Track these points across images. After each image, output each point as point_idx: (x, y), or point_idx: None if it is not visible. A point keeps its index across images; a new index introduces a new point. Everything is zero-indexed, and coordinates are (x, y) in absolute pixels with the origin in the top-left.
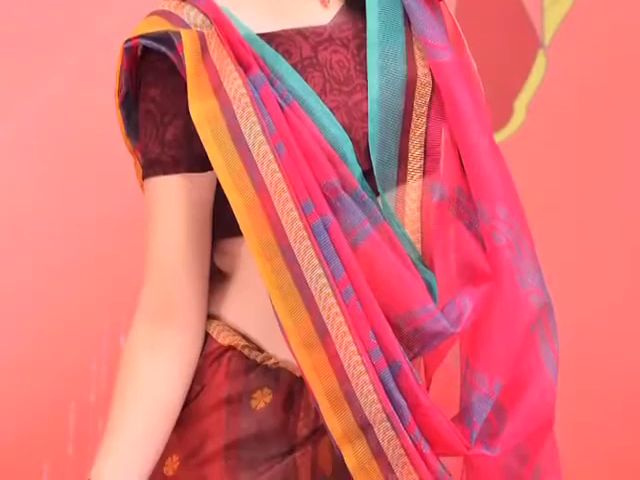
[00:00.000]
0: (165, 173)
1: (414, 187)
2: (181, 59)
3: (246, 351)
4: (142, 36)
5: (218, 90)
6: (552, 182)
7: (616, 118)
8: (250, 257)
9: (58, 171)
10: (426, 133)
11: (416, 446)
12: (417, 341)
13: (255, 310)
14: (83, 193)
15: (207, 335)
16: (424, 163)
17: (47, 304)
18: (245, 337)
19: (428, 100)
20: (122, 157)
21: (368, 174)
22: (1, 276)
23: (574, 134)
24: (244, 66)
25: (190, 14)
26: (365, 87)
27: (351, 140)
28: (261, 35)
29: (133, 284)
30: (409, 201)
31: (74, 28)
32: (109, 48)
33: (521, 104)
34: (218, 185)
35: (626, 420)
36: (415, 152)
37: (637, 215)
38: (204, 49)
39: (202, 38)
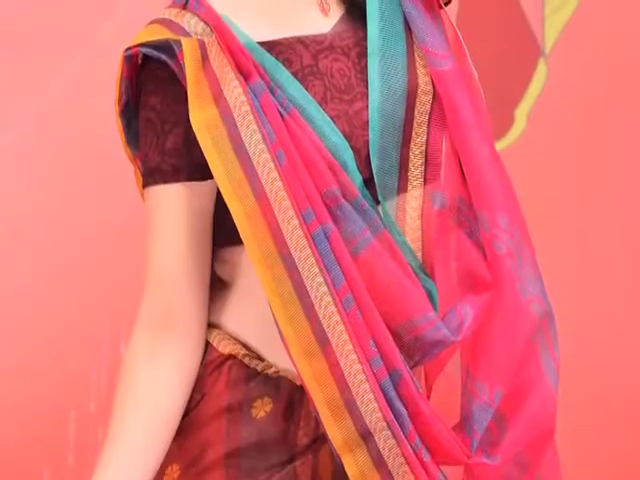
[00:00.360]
0: (165, 182)
1: (415, 195)
2: (181, 67)
3: (246, 360)
4: (142, 44)
5: (218, 98)
6: (553, 190)
7: (617, 126)
8: (250, 266)
9: (58, 178)
10: (427, 142)
11: (417, 455)
12: (418, 350)
13: (255, 319)
14: (83, 200)
15: (207, 344)
16: (425, 171)
17: (47, 312)
18: (245, 346)
19: (429, 109)
20: (122, 163)
21: (369, 182)
22: (1, 283)
23: (575, 142)
24: (244, 74)
25: (190, 22)
26: (366, 95)
27: (352, 148)
28: (261, 43)
29: (133, 292)
30: (410, 209)
31: (75, 34)
32: (109, 55)
33: (522, 112)
34: (218, 194)
35: (627, 428)
36: (416, 160)
37: (638, 222)
38: (204, 57)
39: (202, 46)
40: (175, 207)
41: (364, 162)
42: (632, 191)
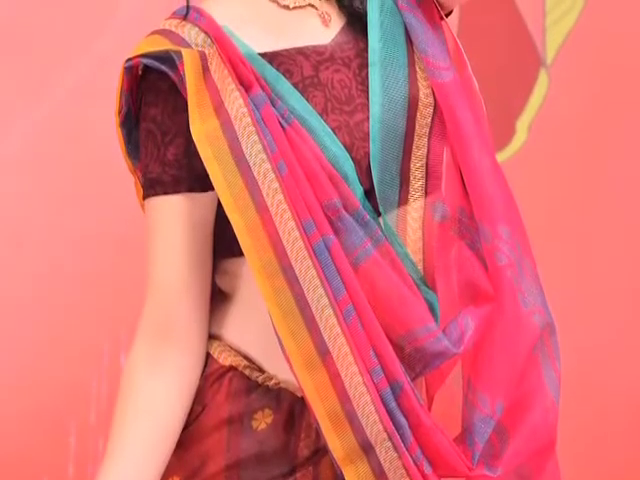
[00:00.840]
0: (166, 193)
1: (415, 207)
2: (182, 78)
3: (247, 371)
4: (143, 55)
5: (219, 109)
6: (554, 201)
7: (618, 137)
8: (251, 277)
9: (58, 188)
10: (428, 153)
11: (418, 467)
12: (419, 361)
13: (256, 330)
14: (83, 210)
15: (208, 355)
16: (425, 183)
17: (47, 322)
18: (246, 357)
19: (430, 120)
20: (122, 174)
21: (369, 194)
22: (1, 293)
23: (576, 153)
24: (245, 85)
25: (191, 33)
26: (366, 107)
27: (352, 160)
28: (262, 54)
29: (134, 302)
30: (411, 221)
31: (75, 44)
32: (110, 65)
33: (523, 124)
34: (219, 205)
35: (628, 440)
36: (416, 172)
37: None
38: (205, 68)
39: (203, 57)
40: (175, 218)
41: (365, 173)
42: (634, 202)
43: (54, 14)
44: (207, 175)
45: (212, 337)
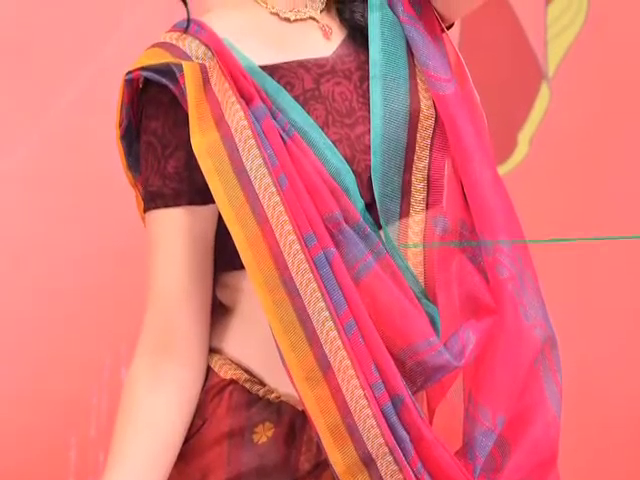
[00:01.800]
0: (166, 206)
1: (417, 220)
2: (183, 91)
3: (248, 385)
4: (143, 68)
5: (220, 122)
6: (555, 214)
7: (619, 150)
8: (252, 290)
9: (58, 201)
10: (429, 166)
11: None
12: (420, 375)
13: (257, 344)
14: (84, 224)
15: (209, 369)
16: (427, 196)
17: (47, 336)
18: (247, 371)
19: (431, 132)
20: (123, 187)
21: (370, 207)
22: (1, 308)
23: (577, 166)
24: (246, 98)
25: (192, 46)
26: (367, 119)
27: (353, 173)
28: (263, 67)
29: (135, 316)
30: (412, 234)
31: (77, 58)
32: (111, 78)
33: (524, 137)
34: (220, 218)
35: (629, 453)
36: (418, 185)
37: None
38: (206, 81)
39: (204, 70)
40: (176, 231)
41: (366, 186)
42: (635, 214)
43: (56, 27)
44: (208, 188)
45: (213, 351)
